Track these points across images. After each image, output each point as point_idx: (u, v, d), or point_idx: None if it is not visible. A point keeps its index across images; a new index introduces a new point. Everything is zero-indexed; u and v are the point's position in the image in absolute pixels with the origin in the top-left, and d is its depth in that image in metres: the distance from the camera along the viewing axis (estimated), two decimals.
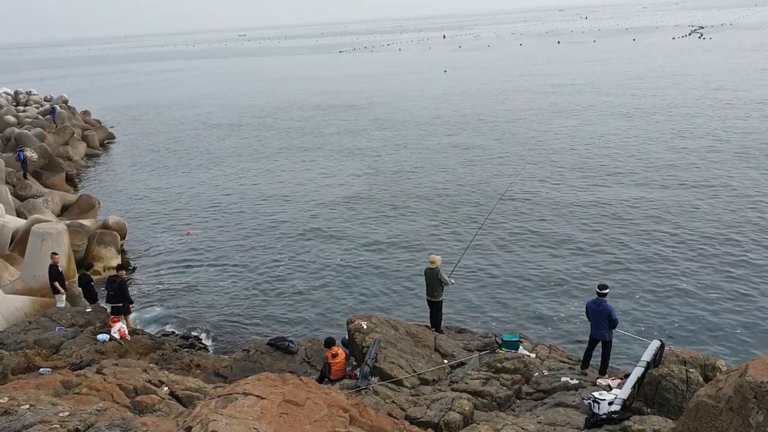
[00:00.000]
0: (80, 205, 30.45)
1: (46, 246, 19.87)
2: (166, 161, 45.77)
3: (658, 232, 24.91)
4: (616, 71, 79.41)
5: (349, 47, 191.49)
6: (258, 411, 7.17)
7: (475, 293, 21.05)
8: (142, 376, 11.54)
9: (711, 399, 8.11)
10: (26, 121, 49.19)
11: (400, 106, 64.40)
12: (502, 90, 70.60)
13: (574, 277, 21.58)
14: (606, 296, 12.75)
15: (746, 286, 19.95)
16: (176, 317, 20.85)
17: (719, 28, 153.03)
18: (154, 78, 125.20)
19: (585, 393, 11.86)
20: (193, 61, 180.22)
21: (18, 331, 16.18)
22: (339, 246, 26.19)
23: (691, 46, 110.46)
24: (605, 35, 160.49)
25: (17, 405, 8.79)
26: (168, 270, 24.91)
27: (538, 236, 25.61)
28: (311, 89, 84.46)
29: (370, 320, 15.45)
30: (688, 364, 11.76)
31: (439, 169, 37.46)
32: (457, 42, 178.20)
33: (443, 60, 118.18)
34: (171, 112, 71.91)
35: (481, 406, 11.88)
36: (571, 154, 38.68)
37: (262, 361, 15.85)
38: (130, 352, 15.23)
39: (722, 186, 30.09)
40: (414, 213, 29.77)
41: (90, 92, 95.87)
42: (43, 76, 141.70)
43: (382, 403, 11.48)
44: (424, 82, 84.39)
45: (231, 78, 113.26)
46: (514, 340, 14.98)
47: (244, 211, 31.98)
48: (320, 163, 41.56)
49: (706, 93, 56.94)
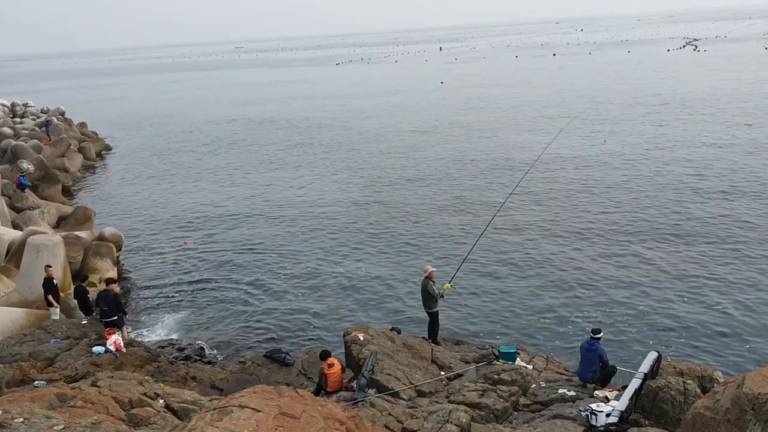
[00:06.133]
0: (76, 217, 30.37)
1: (42, 258, 19.80)
2: (163, 173, 45.75)
3: (654, 245, 24.97)
4: (609, 80, 79.93)
5: (346, 59, 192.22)
6: (254, 424, 7.13)
7: (473, 305, 21.03)
8: (137, 388, 11.46)
9: (708, 410, 8.12)
10: (23, 133, 49.11)
11: (397, 117, 64.57)
12: (497, 99, 70.89)
13: (571, 289, 21.58)
14: (599, 339, 12.96)
15: (743, 298, 19.98)
16: (172, 329, 20.78)
17: (713, 41, 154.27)
18: (150, 90, 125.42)
19: (582, 405, 11.83)
20: (189, 73, 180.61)
21: (13, 343, 16.14)
22: (335, 258, 26.16)
23: (685, 57, 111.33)
24: (601, 47, 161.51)
25: (11, 418, 8.71)
26: (164, 282, 24.84)
27: (535, 249, 25.64)
28: (306, 101, 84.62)
29: (367, 332, 15.43)
30: (685, 375, 11.77)
31: (437, 180, 37.52)
32: (453, 54, 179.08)
33: (440, 71, 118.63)
34: (167, 123, 71.99)
35: (478, 419, 11.83)
36: (568, 166, 38.80)
37: (258, 373, 15.80)
38: (125, 365, 15.15)
39: (720, 198, 30.18)
40: (412, 224, 29.78)
41: (87, 104, 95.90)
42: (39, 88, 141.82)
43: (378, 416, 11.43)
44: (420, 93, 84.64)
45: (226, 89, 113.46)
46: (511, 352, 14.96)
47: (241, 223, 31.95)
48: (316, 174, 41.59)
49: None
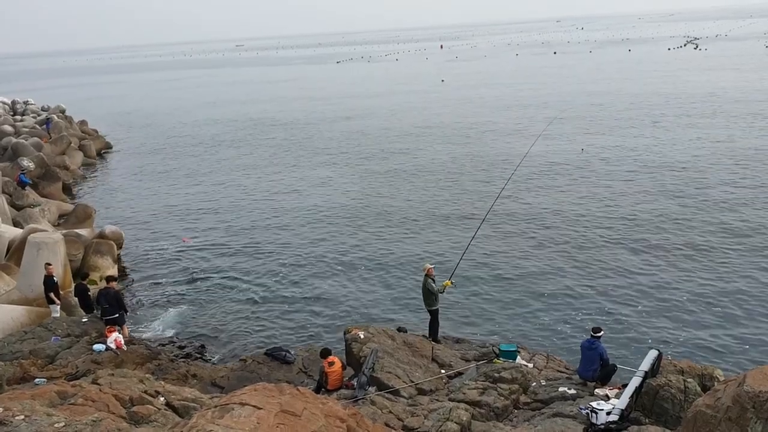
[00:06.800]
0: (77, 215, 30.36)
1: (43, 256, 19.81)
2: (163, 171, 45.75)
3: (656, 243, 24.94)
4: (613, 79, 79.87)
5: (347, 57, 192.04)
6: (255, 421, 7.13)
7: (473, 303, 21.03)
8: (138, 386, 11.46)
9: (709, 409, 8.12)
10: (23, 131, 49.10)
11: (397, 115, 64.53)
12: (496, 98, 70.85)
13: (572, 287, 21.58)
14: (600, 338, 13.00)
15: (743, 297, 19.97)
16: (173, 327, 20.77)
17: (714, 39, 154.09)
18: (151, 88, 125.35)
19: (583, 403, 11.83)
20: (190, 71, 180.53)
21: (14, 341, 16.14)
22: (336, 255, 26.14)
23: (686, 55, 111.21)
24: (601, 46, 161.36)
25: (12, 415, 8.72)
26: (164, 279, 24.84)
27: (536, 247, 25.64)
28: (307, 99, 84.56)
29: (368, 330, 15.43)
30: (685, 373, 11.77)
31: (438, 176, 37.49)
32: (454, 52, 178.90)
33: (440, 69, 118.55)
34: (168, 121, 71.96)
35: (478, 416, 11.84)
36: (569, 163, 38.78)
37: (259, 371, 15.80)
38: (126, 362, 15.16)
39: (720, 199, 30.16)
40: (413, 222, 29.77)
41: (87, 102, 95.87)
42: (40, 85, 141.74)
43: (379, 413, 11.43)
44: (420, 91, 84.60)
45: (227, 87, 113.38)
46: (511, 350, 14.96)
47: (241, 221, 31.95)
48: (316, 172, 41.56)
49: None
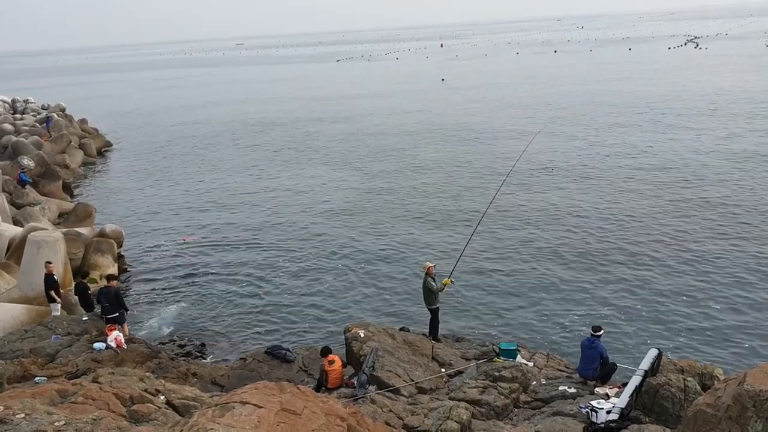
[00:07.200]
0: (77, 213, 30.35)
1: (43, 254, 19.80)
2: (163, 169, 45.75)
3: (656, 243, 24.94)
4: (609, 80, 79.85)
5: (347, 56, 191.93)
6: (255, 420, 7.14)
7: (473, 302, 21.03)
8: (138, 384, 11.47)
9: (710, 407, 8.12)
10: (23, 130, 49.06)
11: (396, 114, 64.50)
12: (496, 97, 70.82)
13: (572, 286, 21.58)
14: (600, 337, 13.01)
15: (743, 295, 19.97)
16: (173, 325, 20.77)
17: (714, 38, 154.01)
18: (151, 87, 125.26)
19: (583, 402, 11.84)
20: (190, 69, 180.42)
21: (14, 339, 16.13)
22: (336, 254, 26.15)
23: (687, 54, 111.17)
24: (602, 45, 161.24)
25: (12, 414, 8.71)
26: (164, 278, 24.84)
27: (535, 245, 25.63)
28: (307, 98, 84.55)
29: (368, 329, 15.44)
30: (685, 372, 11.78)
31: (438, 175, 37.47)
32: (454, 51, 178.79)
33: (441, 68, 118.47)
34: (168, 120, 71.95)
35: (478, 415, 11.85)
36: (570, 161, 38.78)
37: (259, 369, 15.80)
38: (126, 361, 15.16)
39: (720, 199, 30.15)
40: (413, 219, 29.77)
41: (87, 100, 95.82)
42: (40, 84, 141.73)
43: (379, 412, 11.44)
44: (421, 91, 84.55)
45: (227, 86, 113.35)
46: (511, 349, 14.96)
47: (240, 219, 31.95)
48: (317, 171, 41.57)
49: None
